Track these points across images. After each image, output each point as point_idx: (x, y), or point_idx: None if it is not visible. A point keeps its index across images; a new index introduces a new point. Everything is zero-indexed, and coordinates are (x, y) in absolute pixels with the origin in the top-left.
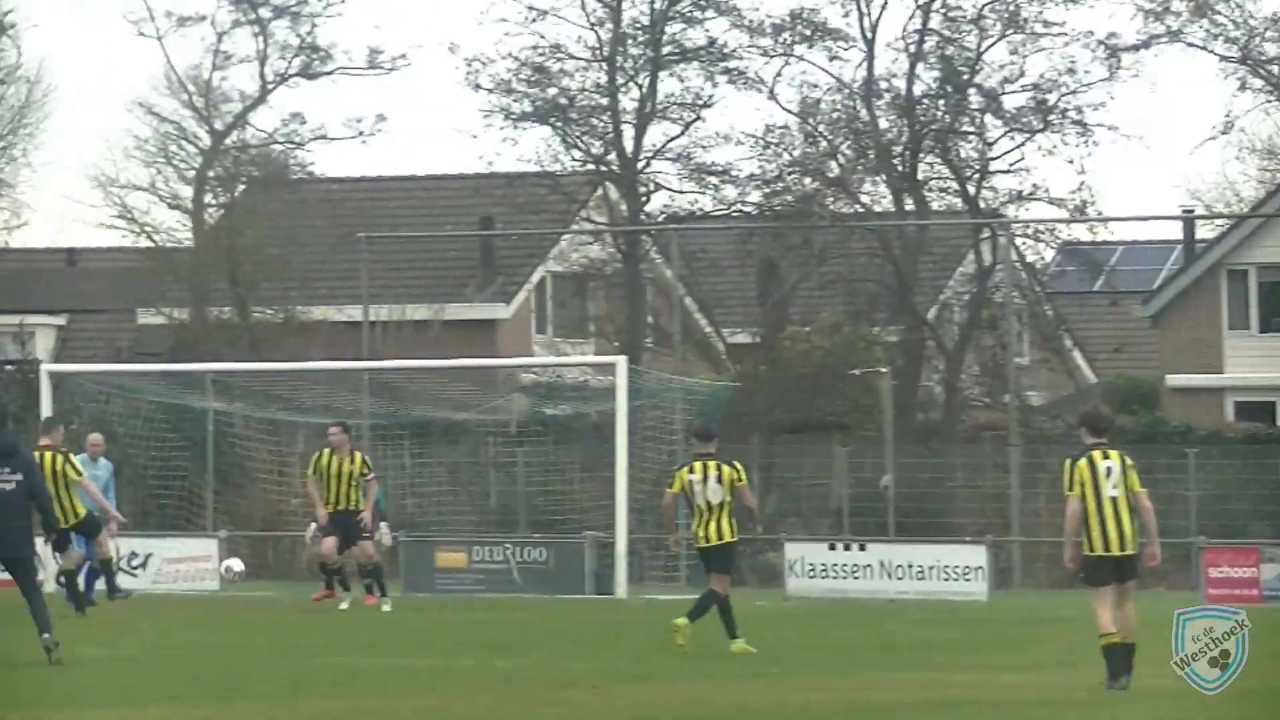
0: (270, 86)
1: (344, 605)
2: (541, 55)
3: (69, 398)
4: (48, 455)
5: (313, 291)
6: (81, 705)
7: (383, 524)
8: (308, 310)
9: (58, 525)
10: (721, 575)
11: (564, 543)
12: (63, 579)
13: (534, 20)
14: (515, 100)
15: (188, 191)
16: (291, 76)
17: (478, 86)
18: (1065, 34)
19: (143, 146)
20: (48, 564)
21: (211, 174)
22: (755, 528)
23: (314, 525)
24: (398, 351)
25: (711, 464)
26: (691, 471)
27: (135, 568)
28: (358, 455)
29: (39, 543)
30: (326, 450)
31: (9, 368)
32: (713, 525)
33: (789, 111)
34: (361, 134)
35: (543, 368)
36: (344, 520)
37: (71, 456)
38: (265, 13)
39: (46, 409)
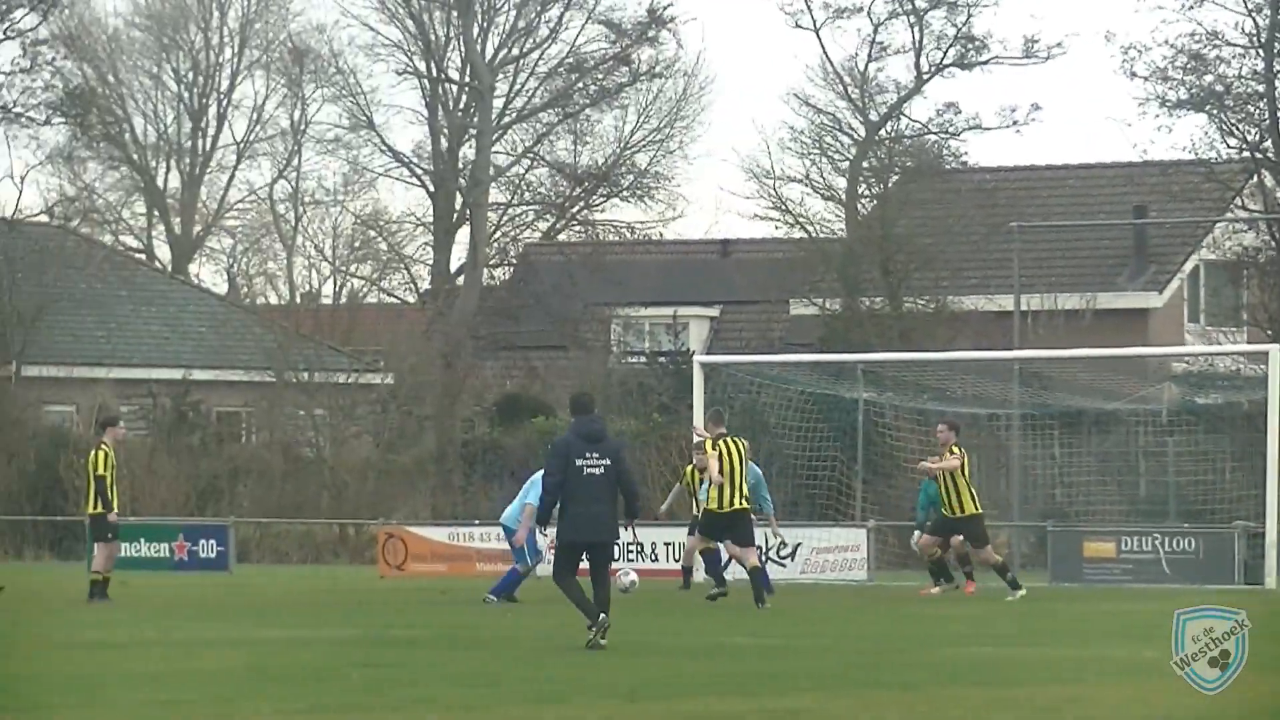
0: (925, 77)
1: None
2: (1198, 42)
3: (721, 388)
4: (724, 442)
5: (963, 281)
6: (716, 693)
7: None
8: (958, 300)
9: (640, 511)
10: None
11: (1213, 532)
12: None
13: (1191, 7)
14: (1171, 87)
15: (841, 183)
16: (946, 66)
17: (1133, 74)
18: None
19: (798, 138)
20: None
21: (865, 165)
22: None
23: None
24: (1048, 341)
25: None
26: None
27: (784, 557)
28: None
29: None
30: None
31: (662, 359)
32: None
33: None
34: (1015, 123)
35: (1194, 356)
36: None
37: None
38: (922, 3)
39: (699, 400)
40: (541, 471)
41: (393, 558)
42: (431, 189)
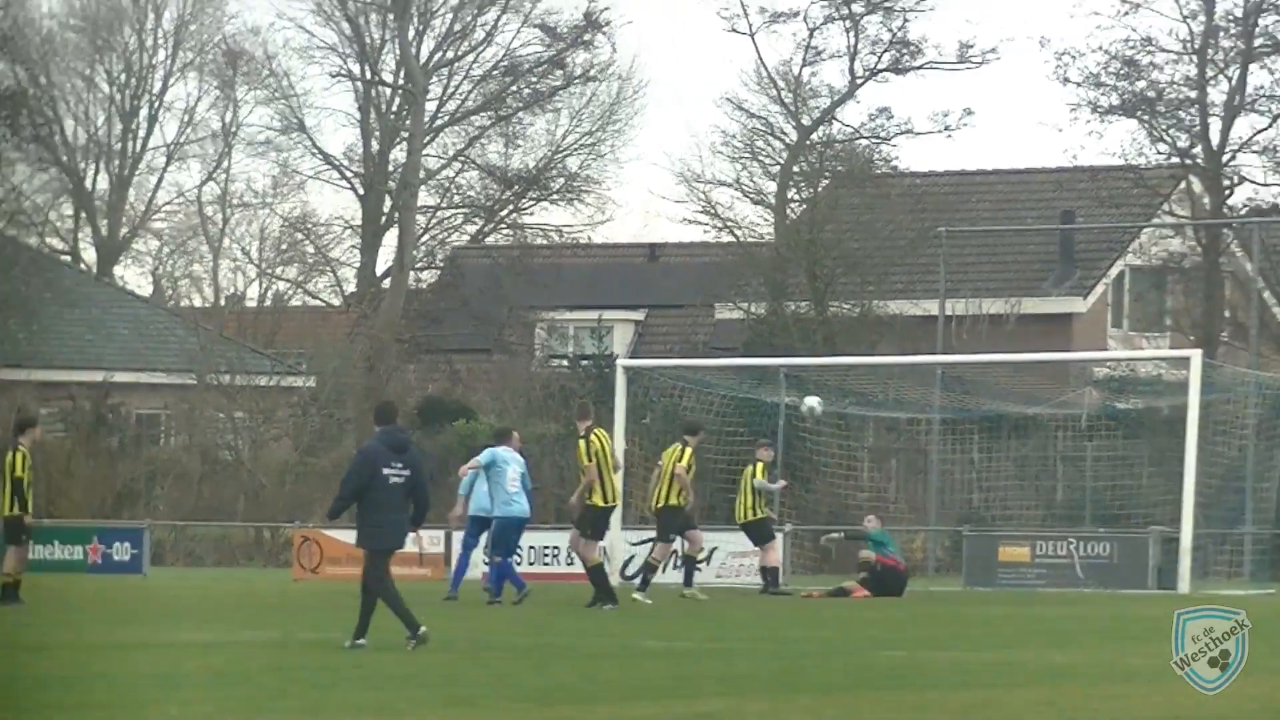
0: (859, 81)
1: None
2: (1132, 48)
3: (643, 392)
4: (595, 437)
5: (889, 286)
6: (628, 698)
7: None
8: (884, 305)
9: (423, 520)
10: None
11: (1128, 538)
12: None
13: (1126, 13)
14: (1103, 93)
15: (771, 187)
16: (880, 71)
17: (1066, 80)
18: None
19: (730, 142)
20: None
21: (796, 169)
22: None
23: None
24: (972, 346)
25: None
26: None
27: (700, 561)
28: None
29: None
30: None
31: (585, 363)
32: None
33: None
34: (947, 128)
35: (1116, 362)
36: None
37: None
38: (858, 8)
39: (621, 403)
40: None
41: (308, 561)
42: (361, 192)
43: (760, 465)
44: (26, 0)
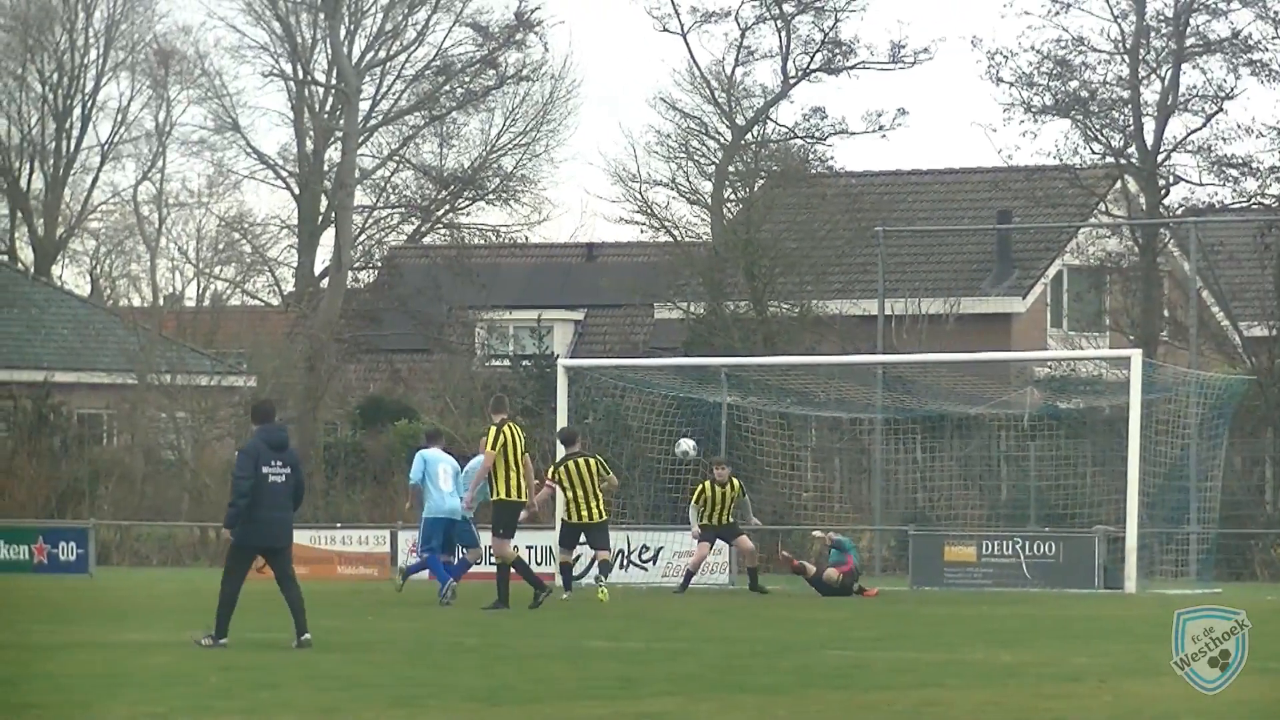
0: (792, 81)
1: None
2: (1063, 48)
3: (584, 392)
4: (507, 429)
5: (828, 285)
6: (575, 698)
7: None
8: (823, 304)
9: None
10: None
11: (1074, 537)
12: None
13: (1057, 13)
14: (1036, 93)
15: (707, 186)
16: (813, 71)
17: (999, 80)
18: None
19: (664, 142)
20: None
21: (731, 169)
22: None
23: None
24: (912, 345)
25: None
26: None
27: (645, 561)
28: (736, 482)
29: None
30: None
31: (526, 363)
32: None
33: None
34: (881, 128)
35: (1057, 361)
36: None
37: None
38: (789, 8)
39: (562, 404)
40: (417, 462)
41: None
42: (296, 191)
43: (708, 484)
44: None
